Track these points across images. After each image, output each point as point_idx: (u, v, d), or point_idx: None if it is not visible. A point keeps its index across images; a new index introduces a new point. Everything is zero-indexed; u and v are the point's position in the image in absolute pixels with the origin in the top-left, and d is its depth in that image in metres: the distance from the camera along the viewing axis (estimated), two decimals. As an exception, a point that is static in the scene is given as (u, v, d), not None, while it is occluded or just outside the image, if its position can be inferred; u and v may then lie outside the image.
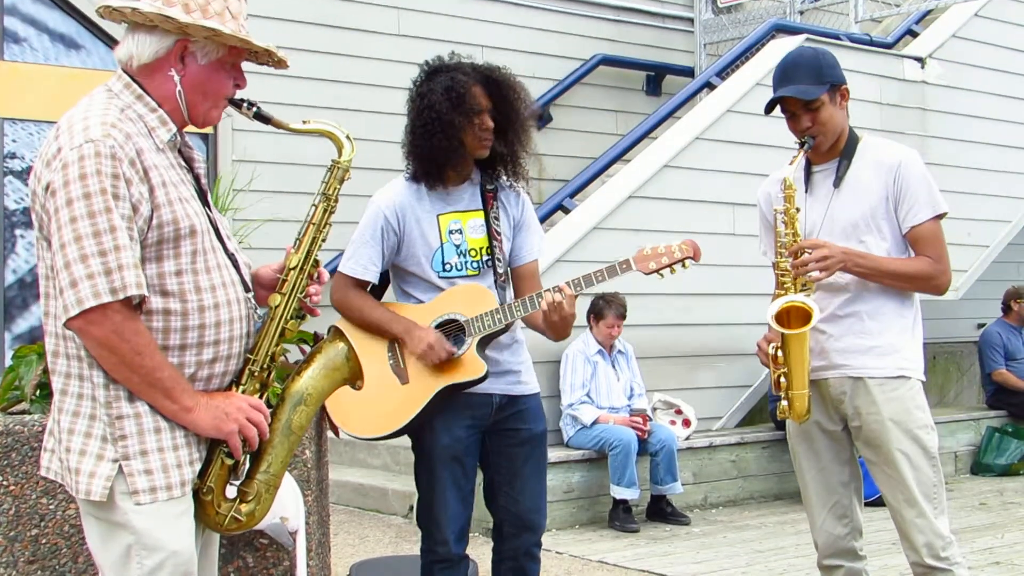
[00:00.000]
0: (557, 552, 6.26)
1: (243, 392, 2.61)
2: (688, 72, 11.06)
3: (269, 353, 2.65)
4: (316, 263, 2.73)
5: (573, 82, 10.23)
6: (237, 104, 2.68)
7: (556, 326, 3.61)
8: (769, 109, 3.73)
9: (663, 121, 9.21)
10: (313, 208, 2.74)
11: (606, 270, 3.59)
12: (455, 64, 3.74)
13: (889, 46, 10.40)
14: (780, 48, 9.04)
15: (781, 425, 8.02)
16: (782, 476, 8.02)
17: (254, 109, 2.69)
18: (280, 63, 2.72)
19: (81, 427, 2.48)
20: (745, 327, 8.32)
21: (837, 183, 3.69)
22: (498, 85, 3.69)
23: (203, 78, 2.59)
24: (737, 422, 8.43)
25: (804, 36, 9.16)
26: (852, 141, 3.72)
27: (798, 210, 3.62)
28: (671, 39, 11.38)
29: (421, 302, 3.73)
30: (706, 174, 8.32)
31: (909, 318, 3.70)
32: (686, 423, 7.59)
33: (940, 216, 3.65)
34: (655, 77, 11.12)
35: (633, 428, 6.97)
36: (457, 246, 3.72)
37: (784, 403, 3.60)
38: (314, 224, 2.73)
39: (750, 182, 8.49)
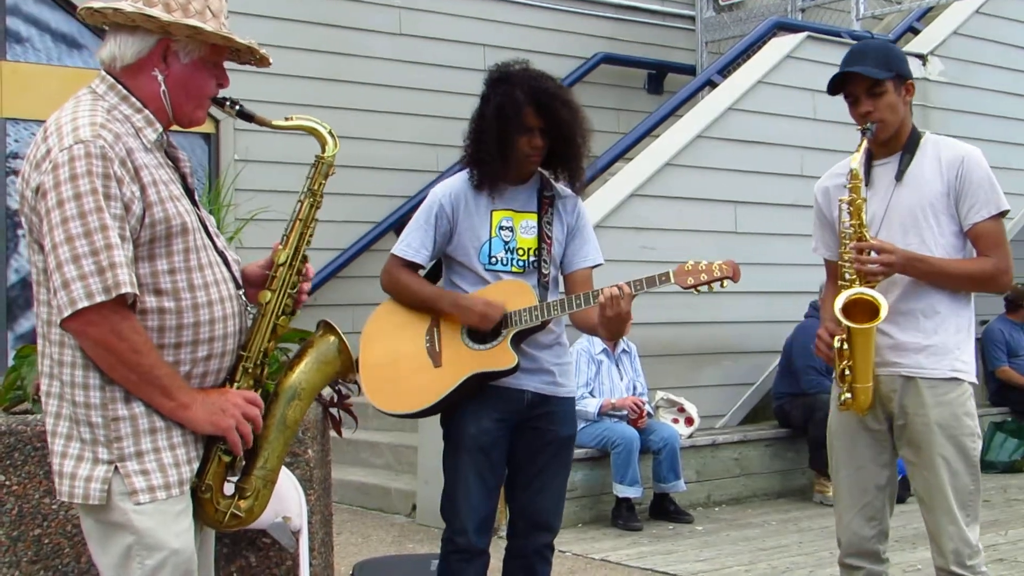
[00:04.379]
0: (560, 551, 6.24)
1: (238, 388, 2.62)
2: (690, 70, 11.05)
3: (262, 349, 2.66)
4: (304, 259, 2.74)
5: (574, 80, 10.21)
6: (220, 102, 2.69)
7: (611, 322, 3.58)
8: (833, 90, 3.67)
9: (665, 119, 9.20)
10: (299, 204, 2.75)
11: (645, 280, 3.59)
12: (517, 76, 3.75)
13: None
14: (781, 46, 9.05)
15: (784, 423, 8.03)
16: (785, 474, 8.02)
17: (237, 107, 2.70)
18: (262, 60, 2.72)
19: (74, 432, 2.49)
20: (748, 325, 8.34)
21: (899, 176, 3.64)
22: (552, 106, 3.72)
23: (186, 77, 2.59)
24: (740, 420, 8.42)
25: (805, 34, 9.16)
26: (915, 136, 3.68)
27: (864, 200, 3.57)
28: (672, 37, 11.38)
29: (466, 292, 3.76)
30: (708, 172, 8.32)
31: (965, 317, 3.64)
32: (689, 421, 7.58)
33: (1002, 214, 3.61)
34: (656, 75, 11.13)
35: (630, 410, 6.97)
36: (506, 242, 3.77)
37: (848, 395, 3.56)
38: (301, 220, 2.74)
39: (752, 180, 8.54)
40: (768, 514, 7.38)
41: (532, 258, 3.78)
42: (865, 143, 3.62)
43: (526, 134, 3.71)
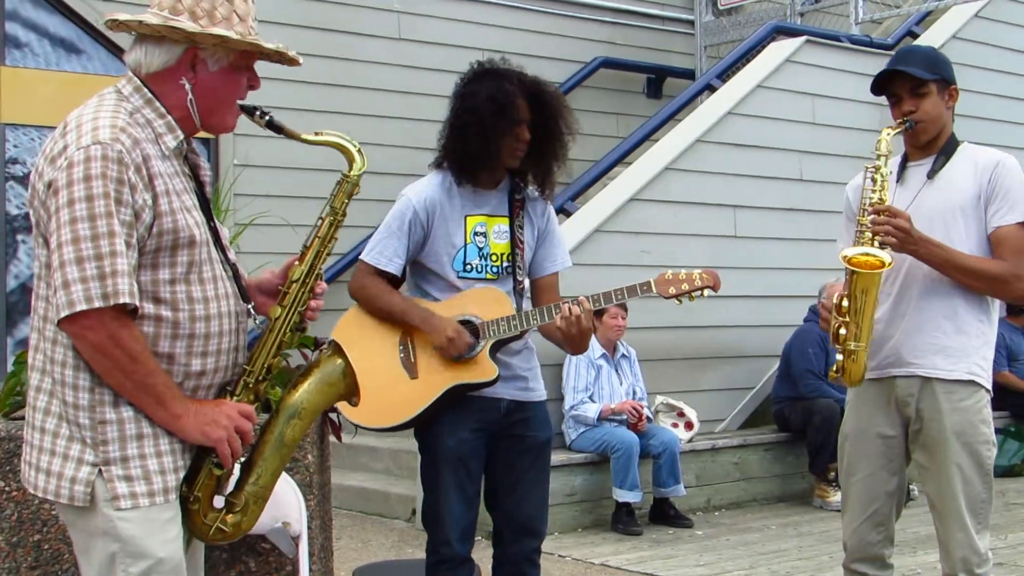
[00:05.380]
0: (560, 556, 6.26)
1: (236, 401, 2.58)
2: (689, 74, 11.06)
3: (266, 365, 2.62)
4: (318, 276, 2.69)
5: (574, 85, 10.22)
6: (250, 112, 2.65)
7: (573, 339, 3.63)
8: (876, 90, 3.67)
9: (664, 123, 9.21)
10: (320, 221, 2.69)
11: (626, 289, 3.61)
12: (504, 71, 3.73)
13: (890, 47, 10.37)
14: (780, 50, 9.05)
15: (784, 427, 8.03)
16: (784, 478, 8.02)
17: (267, 117, 2.65)
18: (292, 61, 2.68)
19: (62, 431, 2.46)
20: (747, 329, 8.34)
21: (931, 175, 3.63)
22: (542, 100, 3.70)
23: (215, 84, 2.56)
24: (739, 424, 8.42)
25: (804, 38, 9.17)
26: (953, 142, 3.68)
27: (889, 172, 3.55)
28: (671, 41, 11.38)
29: (437, 300, 3.73)
30: (707, 176, 8.32)
31: (987, 323, 3.61)
32: (688, 425, 7.58)
33: None
34: (656, 79, 11.13)
35: (629, 415, 6.96)
36: (480, 248, 3.73)
37: (840, 357, 3.47)
38: (320, 238, 2.68)
39: (751, 184, 8.55)
40: (768, 518, 7.38)
41: (506, 264, 3.75)
42: (902, 139, 3.62)
43: (517, 126, 3.66)
